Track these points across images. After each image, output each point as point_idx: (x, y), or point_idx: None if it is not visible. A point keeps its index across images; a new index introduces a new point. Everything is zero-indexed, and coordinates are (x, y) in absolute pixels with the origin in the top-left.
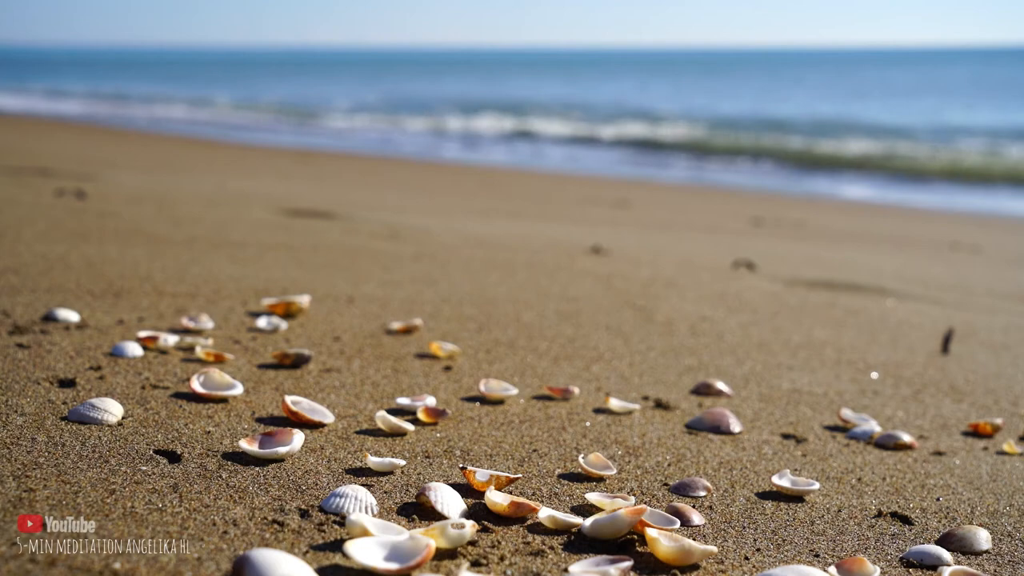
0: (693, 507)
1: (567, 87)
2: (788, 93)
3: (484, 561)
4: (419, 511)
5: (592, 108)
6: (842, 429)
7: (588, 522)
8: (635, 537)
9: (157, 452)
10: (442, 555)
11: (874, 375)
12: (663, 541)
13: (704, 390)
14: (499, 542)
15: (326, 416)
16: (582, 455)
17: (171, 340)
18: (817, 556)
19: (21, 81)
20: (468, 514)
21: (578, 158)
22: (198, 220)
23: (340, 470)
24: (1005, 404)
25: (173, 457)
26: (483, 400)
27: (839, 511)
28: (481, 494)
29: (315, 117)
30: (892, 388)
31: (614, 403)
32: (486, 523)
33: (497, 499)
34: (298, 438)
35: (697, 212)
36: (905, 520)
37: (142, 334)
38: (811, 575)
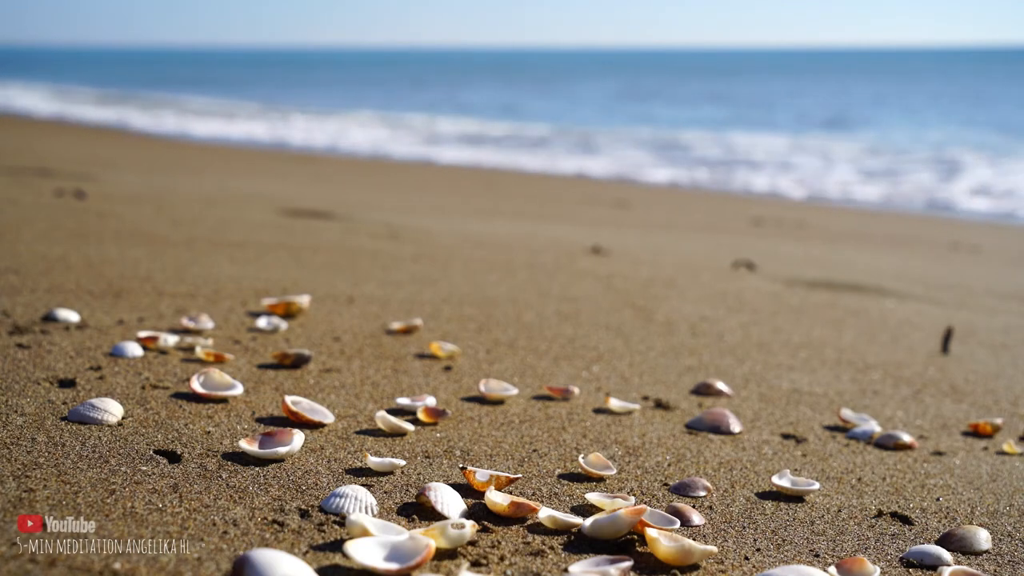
0: (693, 507)
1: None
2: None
3: (484, 561)
4: (419, 511)
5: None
6: (842, 429)
7: (588, 522)
8: (635, 537)
9: (157, 452)
10: (442, 555)
11: (874, 375)
12: (663, 541)
13: (704, 390)
14: (499, 542)
15: (326, 416)
16: (582, 455)
17: (171, 340)
18: (817, 556)
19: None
20: (468, 514)
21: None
22: (198, 220)
23: (340, 470)
24: (1005, 404)
25: (173, 457)
26: (483, 400)
27: (839, 511)
28: (481, 494)
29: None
30: (892, 388)
31: (614, 403)
32: (486, 523)
33: (497, 499)
34: (298, 438)
35: (697, 212)
36: (905, 520)
37: (142, 334)
38: (811, 575)
